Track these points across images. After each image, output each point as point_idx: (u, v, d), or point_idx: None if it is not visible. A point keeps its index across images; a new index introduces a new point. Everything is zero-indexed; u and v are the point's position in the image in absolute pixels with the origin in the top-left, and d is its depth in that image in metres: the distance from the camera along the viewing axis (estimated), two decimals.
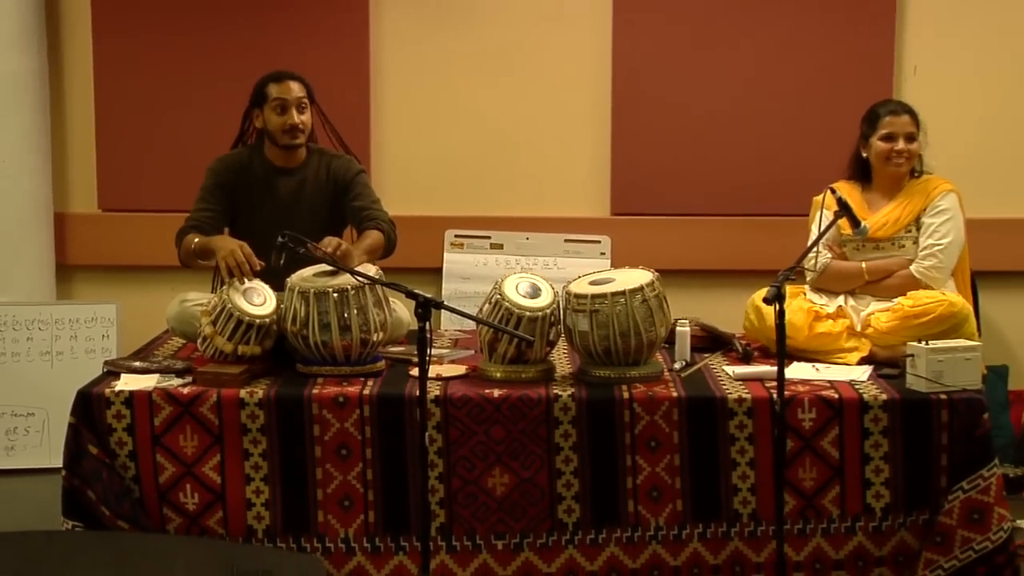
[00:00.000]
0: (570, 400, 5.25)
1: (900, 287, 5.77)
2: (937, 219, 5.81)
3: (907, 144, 5.82)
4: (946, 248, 5.80)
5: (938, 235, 5.79)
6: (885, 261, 5.86)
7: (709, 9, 7.21)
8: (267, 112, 5.88)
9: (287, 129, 5.85)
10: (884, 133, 5.83)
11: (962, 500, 5.16)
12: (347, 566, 5.28)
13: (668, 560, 5.28)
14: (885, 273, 5.84)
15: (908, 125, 5.85)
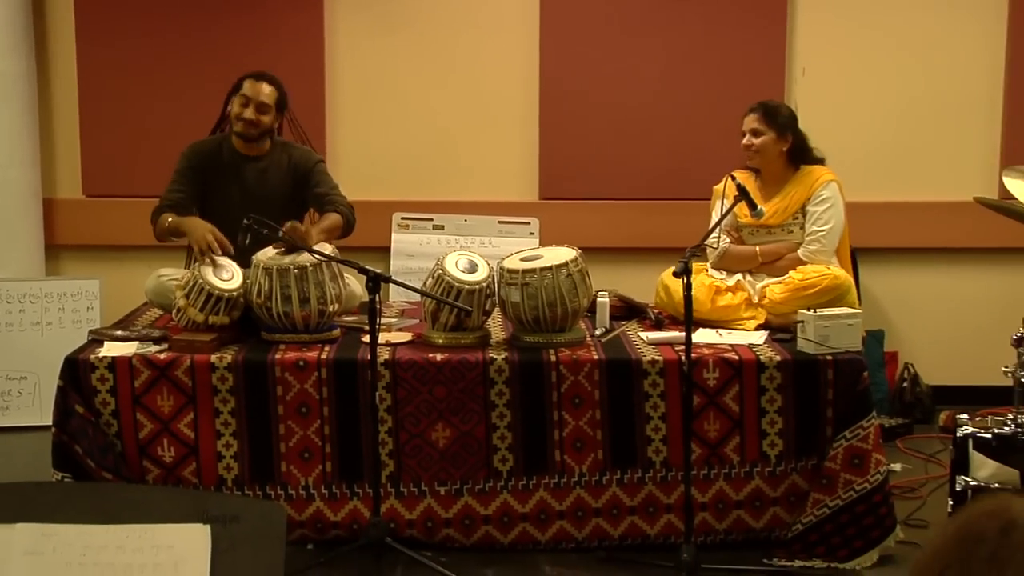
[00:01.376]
0: (504, 363, 5.28)
1: (789, 268, 5.81)
2: (820, 207, 5.85)
3: (752, 138, 5.86)
4: (828, 233, 5.84)
5: (821, 222, 5.83)
6: (776, 245, 5.89)
7: (625, 16, 7.21)
8: (235, 101, 5.89)
9: (240, 117, 5.86)
10: (742, 127, 5.91)
11: (845, 447, 5.22)
12: (307, 511, 5.29)
13: (590, 502, 5.31)
14: (776, 256, 5.89)
15: (753, 122, 5.87)
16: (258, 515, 2.16)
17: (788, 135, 5.87)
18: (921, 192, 7.34)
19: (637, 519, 5.33)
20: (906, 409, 7.15)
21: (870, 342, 6.75)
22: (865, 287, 6.98)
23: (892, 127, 7.33)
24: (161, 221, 5.82)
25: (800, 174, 5.92)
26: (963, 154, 7.34)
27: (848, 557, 5.21)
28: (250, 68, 6.08)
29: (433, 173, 7.31)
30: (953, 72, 7.35)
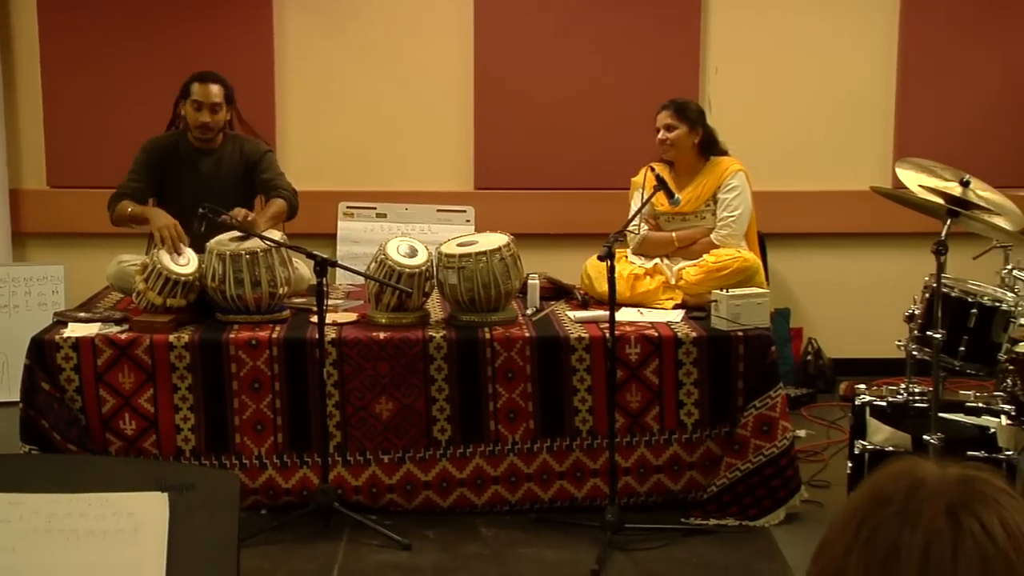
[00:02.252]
0: (442, 340, 5.26)
1: (703, 252, 5.82)
2: (729, 195, 5.86)
3: (667, 133, 5.86)
4: (737, 219, 5.85)
5: (731, 208, 5.85)
6: (690, 231, 5.90)
7: (553, 19, 7.20)
8: (187, 106, 5.83)
9: (198, 125, 5.82)
10: (656, 127, 5.89)
11: (755, 416, 5.26)
12: (260, 479, 5.26)
13: (523, 468, 5.31)
14: (691, 241, 5.89)
15: (667, 118, 5.87)
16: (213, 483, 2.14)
17: (699, 129, 5.89)
18: (822, 182, 7.37)
19: (566, 483, 5.33)
20: (810, 380, 7.19)
21: (777, 319, 6.79)
22: (772, 269, 7.01)
23: (796, 122, 7.36)
24: (120, 208, 5.78)
25: (710, 165, 5.93)
26: (860, 147, 7.38)
27: (758, 515, 5.24)
28: (207, 67, 6.02)
29: (376, 165, 7.28)
30: (851, 72, 7.39)
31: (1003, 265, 5.24)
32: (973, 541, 1.22)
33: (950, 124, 7.23)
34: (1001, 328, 4.77)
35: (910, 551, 1.24)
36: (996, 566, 1.21)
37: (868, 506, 1.30)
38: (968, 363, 4.84)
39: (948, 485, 1.28)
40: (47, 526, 2.09)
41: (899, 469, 1.32)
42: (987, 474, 1.32)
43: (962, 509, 1.25)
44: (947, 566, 1.22)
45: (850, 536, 1.29)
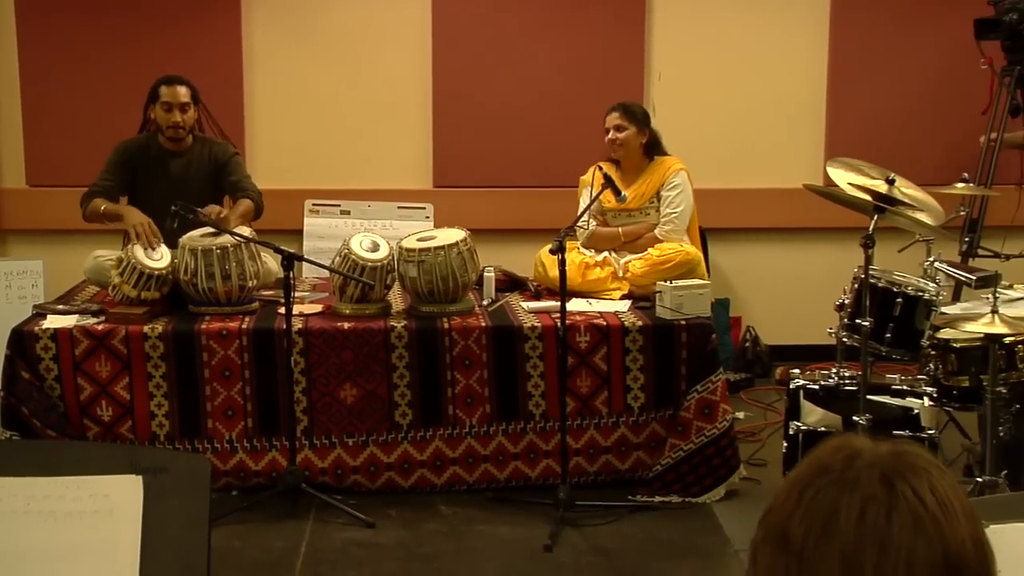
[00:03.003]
0: (403, 330, 5.24)
1: (648, 246, 5.83)
2: (672, 192, 5.87)
3: (617, 134, 5.85)
4: (679, 215, 5.86)
5: (673, 205, 5.85)
6: (636, 226, 5.90)
7: (507, 27, 7.20)
8: (157, 109, 5.78)
9: (170, 125, 5.77)
10: (606, 125, 5.88)
11: (697, 399, 5.27)
12: (231, 461, 5.23)
13: (480, 450, 5.30)
14: (636, 236, 5.89)
15: (616, 119, 5.85)
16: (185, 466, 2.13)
17: (645, 130, 5.89)
18: (759, 180, 7.40)
19: (520, 464, 5.33)
20: (748, 365, 7.22)
21: (717, 309, 6.80)
22: (713, 261, 7.02)
23: (734, 124, 7.38)
24: (93, 205, 5.73)
25: (654, 164, 5.93)
26: (794, 147, 7.41)
27: (700, 492, 5.26)
28: (179, 72, 5.97)
29: (340, 165, 7.26)
30: (785, 78, 7.42)
31: (925, 257, 5.26)
32: (906, 504, 1.26)
33: (877, 126, 7.27)
34: (924, 316, 4.80)
35: (848, 512, 1.27)
36: (926, 526, 1.25)
37: (809, 475, 1.33)
38: (894, 349, 4.86)
39: (882, 457, 1.31)
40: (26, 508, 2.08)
41: (837, 443, 1.36)
42: (917, 448, 1.35)
43: (896, 476, 1.28)
44: (882, 526, 1.25)
45: (793, 502, 1.33)
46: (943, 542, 1.25)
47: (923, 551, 1.24)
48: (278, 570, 4.57)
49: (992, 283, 4.61)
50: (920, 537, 1.25)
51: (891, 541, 1.25)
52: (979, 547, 1.28)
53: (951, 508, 1.27)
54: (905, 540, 1.24)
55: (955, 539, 1.25)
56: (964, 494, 1.31)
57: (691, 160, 6.04)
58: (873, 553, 1.25)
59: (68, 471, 2.10)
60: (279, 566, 4.61)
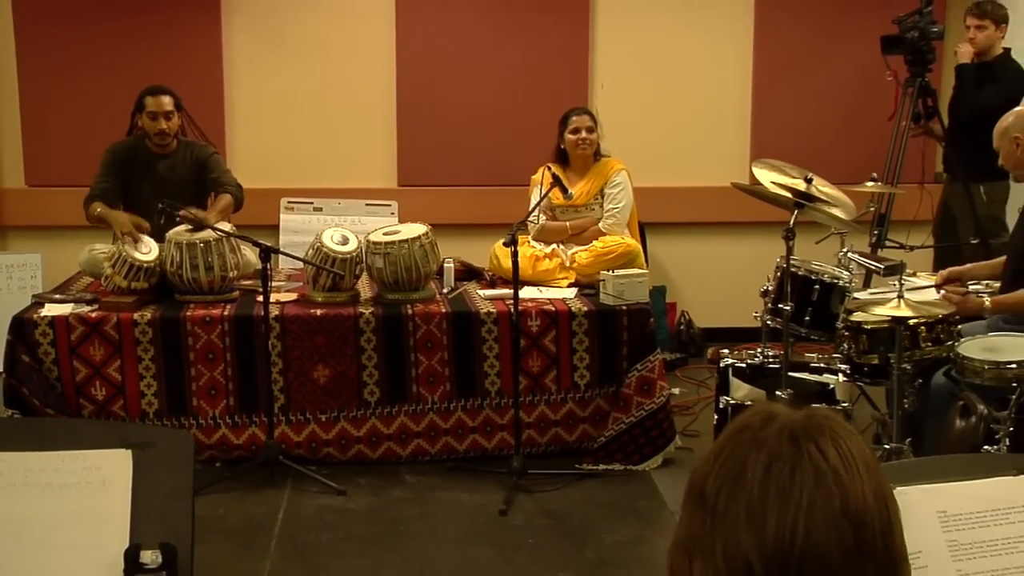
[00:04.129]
0: (371, 316, 5.24)
1: (592, 238, 5.83)
2: (614, 190, 5.87)
3: (588, 135, 5.88)
4: (621, 210, 5.87)
5: (616, 201, 5.86)
6: (582, 220, 5.91)
7: (465, 41, 7.18)
8: (144, 118, 5.73)
9: (157, 133, 5.73)
10: (573, 128, 5.90)
11: (637, 377, 5.29)
12: (215, 436, 5.21)
13: (441, 424, 5.30)
14: (582, 229, 5.88)
15: (587, 121, 5.88)
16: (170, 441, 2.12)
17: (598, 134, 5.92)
18: (692, 179, 7.42)
19: (478, 436, 5.33)
20: (682, 346, 7.24)
21: (655, 295, 6.82)
22: (651, 253, 7.04)
23: (670, 129, 7.40)
24: (92, 208, 5.68)
25: (599, 164, 5.94)
26: (722, 149, 7.43)
27: (640, 460, 5.28)
28: (166, 80, 5.97)
29: (313, 165, 7.22)
30: (715, 87, 7.44)
31: (840, 248, 5.30)
32: (809, 460, 1.25)
33: (796, 130, 7.30)
34: (838, 301, 4.82)
35: (754, 468, 1.26)
36: (827, 480, 1.24)
37: (728, 436, 1.33)
38: (812, 330, 4.88)
39: (794, 419, 1.31)
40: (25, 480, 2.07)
41: (758, 408, 1.36)
42: (829, 412, 1.35)
43: (803, 436, 1.28)
44: (785, 480, 1.24)
45: (711, 460, 1.33)
46: (843, 496, 1.24)
47: (823, 503, 1.23)
48: (258, 534, 4.56)
49: (898, 271, 4.64)
50: (820, 490, 1.24)
51: (792, 494, 1.24)
52: (880, 500, 1.28)
53: (853, 464, 1.26)
54: (806, 493, 1.24)
55: (855, 493, 1.25)
56: (870, 453, 1.31)
57: (630, 161, 6.05)
58: (775, 505, 1.24)
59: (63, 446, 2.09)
60: (259, 530, 4.60)
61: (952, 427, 4.26)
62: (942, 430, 4.37)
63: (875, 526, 1.26)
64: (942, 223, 6.62)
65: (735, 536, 1.25)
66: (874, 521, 1.26)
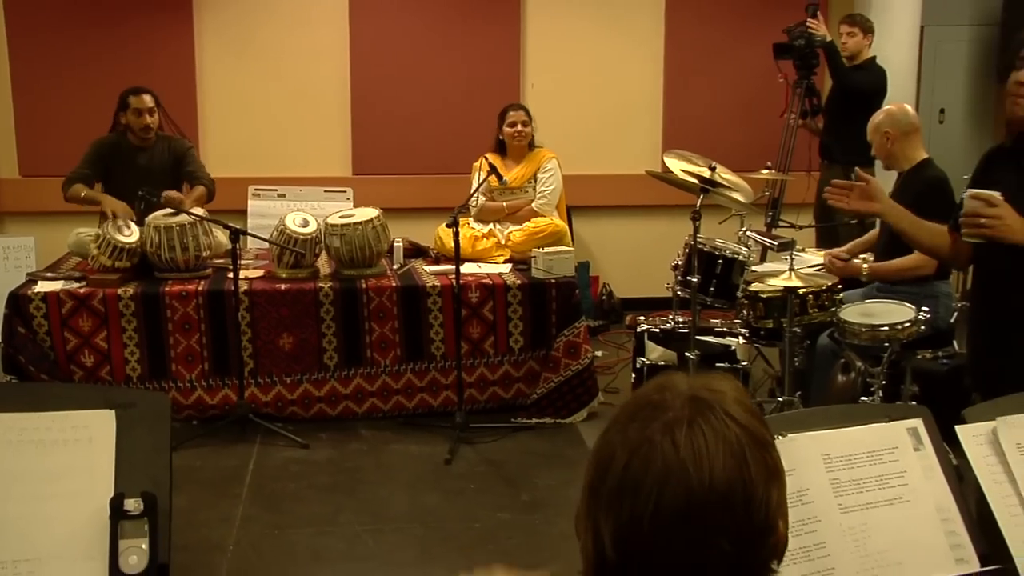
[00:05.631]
0: (329, 290, 5.21)
1: (526, 218, 5.83)
2: (546, 175, 5.88)
3: (523, 128, 5.88)
4: (551, 193, 5.88)
5: (547, 185, 5.87)
6: (517, 201, 5.92)
7: (413, 45, 7.15)
8: (128, 115, 5.67)
9: (141, 128, 5.67)
10: (510, 122, 5.90)
11: (564, 341, 5.31)
12: (192, 397, 5.17)
13: (393, 385, 5.30)
14: (517, 208, 5.88)
15: (523, 116, 5.89)
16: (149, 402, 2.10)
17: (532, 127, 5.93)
18: (612, 167, 7.45)
19: (425, 395, 5.34)
20: (604, 314, 7.29)
21: (580, 270, 6.86)
22: (576, 232, 7.07)
23: (591, 123, 7.42)
24: (74, 190, 5.62)
25: (533, 153, 5.95)
26: (638, 141, 7.46)
27: (568, 415, 5.31)
28: (146, 80, 5.90)
29: (277, 157, 7.17)
30: (631, 86, 7.47)
31: (739, 228, 5.36)
32: (661, 454, 1.17)
33: (702, 124, 7.35)
34: (739, 273, 4.88)
35: (618, 459, 1.20)
36: (675, 474, 1.16)
37: (631, 403, 1.26)
38: (716, 299, 4.93)
39: (676, 402, 1.23)
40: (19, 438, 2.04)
41: (659, 379, 1.28)
42: (717, 389, 1.25)
43: (667, 427, 1.20)
44: (638, 473, 1.18)
45: (598, 443, 1.26)
46: (687, 489, 1.16)
47: (669, 497, 1.16)
48: (231, 483, 4.54)
49: (789, 248, 4.69)
50: (668, 485, 1.16)
51: (642, 487, 1.17)
52: (736, 484, 1.18)
53: (705, 455, 1.17)
54: (655, 488, 1.16)
55: (701, 485, 1.16)
56: (739, 432, 1.21)
57: (558, 152, 6.05)
58: (629, 496, 1.18)
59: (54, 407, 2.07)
60: (232, 480, 4.58)
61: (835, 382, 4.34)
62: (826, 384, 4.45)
63: (726, 510, 1.17)
64: (819, 205, 6.69)
65: (599, 520, 1.21)
66: (726, 503, 1.17)
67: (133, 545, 1.96)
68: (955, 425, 2.20)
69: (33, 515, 1.97)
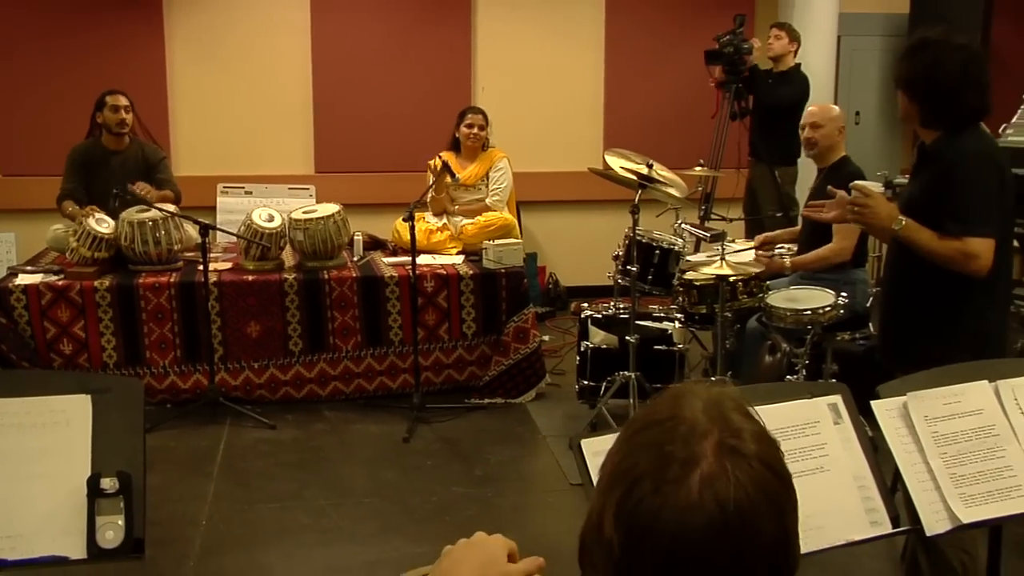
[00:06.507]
0: (294, 280, 5.18)
1: (477, 213, 5.83)
2: (497, 174, 5.88)
3: (479, 131, 5.87)
4: (503, 190, 5.88)
5: (498, 183, 5.86)
6: (471, 196, 5.91)
7: (370, 51, 7.12)
8: (106, 113, 5.58)
9: (118, 123, 5.58)
10: (468, 123, 5.88)
11: (514, 327, 5.32)
12: (165, 382, 5.11)
13: (354, 369, 5.28)
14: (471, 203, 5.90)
15: (480, 120, 5.88)
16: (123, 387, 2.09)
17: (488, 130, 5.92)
18: (557, 165, 7.45)
19: (384, 378, 5.32)
20: (551, 301, 7.30)
21: (528, 261, 6.85)
22: (525, 225, 7.06)
23: (538, 124, 7.42)
24: (64, 207, 5.58)
25: (486, 153, 5.94)
26: (581, 140, 7.47)
27: (517, 395, 5.33)
28: (120, 84, 5.80)
29: (244, 156, 7.10)
30: (575, 88, 7.49)
31: (675, 221, 5.38)
32: (686, 486, 1.04)
33: (640, 124, 7.38)
34: (674, 263, 4.90)
35: (641, 485, 1.06)
36: (721, 538, 1.03)
37: (632, 433, 1.13)
38: (654, 287, 4.96)
39: (696, 419, 1.10)
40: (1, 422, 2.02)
41: (669, 401, 1.13)
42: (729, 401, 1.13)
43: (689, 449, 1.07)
44: (686, 539, 1.04)
45: (613, 460, 1.13)
46: (738, 551, 1.04)
47: (718, 557, 1.03)
48: (204, 462, 4.51)
49: (721, 239, 4.73)
50: (715, 547, 1.03)
51: (664, 514, 1.04)
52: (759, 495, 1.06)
53: (747, 517, 1.04)
54: (678, 514, 1.04)
55: (748, 546, 1.04)
56: (761, 447, 1.09)
57: (507, 151, 6.05)
58: (678, 563, 1.04)
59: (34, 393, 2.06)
60: (204, 459, 4.54)
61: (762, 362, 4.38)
62: (755, 364, 4.49)
63: (773, 560, 1.06)
64: (748, 199, 6.75)
65: (612, 545, 1.07)
66: (772, 556, 1.06)
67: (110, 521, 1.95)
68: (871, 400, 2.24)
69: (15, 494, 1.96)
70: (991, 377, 2.29)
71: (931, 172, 2.93)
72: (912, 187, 3.05)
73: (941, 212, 2.86)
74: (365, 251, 5.75)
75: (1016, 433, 2.23)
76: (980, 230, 2.84)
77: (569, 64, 7.46)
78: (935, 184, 2.89)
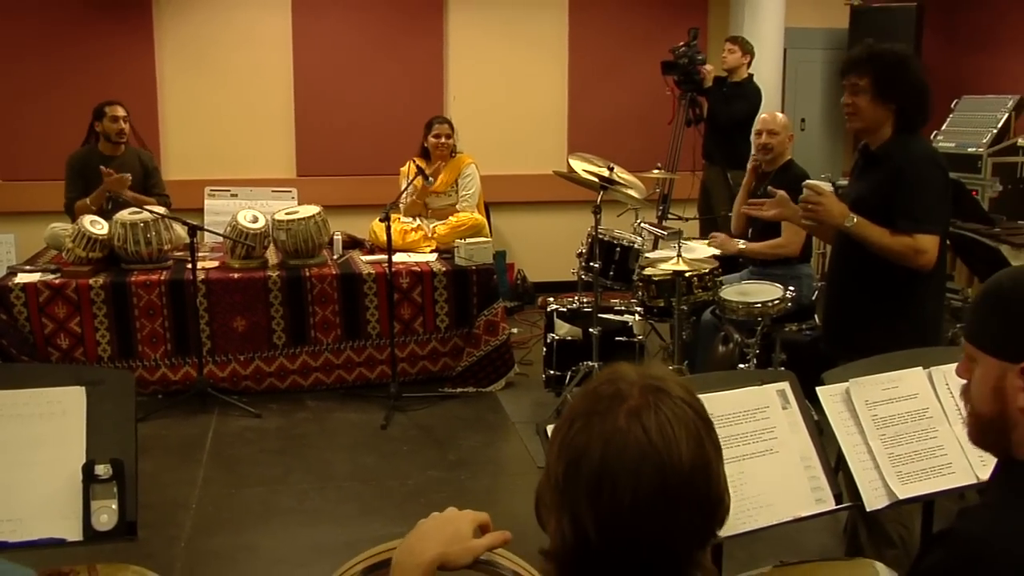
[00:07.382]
0: (277, 278, 5.15)
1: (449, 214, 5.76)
2: (466, 180, 5.83)
3: (446, 140, 5.81)
4: (472, 195, 5.84)
5: (467, 188, 5.81)
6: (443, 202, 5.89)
7: (349, 62, 7.09)
8: (105, 123, 5.51)
9: (117, 132, 5.52)
10: (435, 133, 5.84)
11: (484, 320, 5.32)
12: (157, 374, 5.08)
13: (334, 361, 5.26)
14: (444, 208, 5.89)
15: (446, 129, 5.79)
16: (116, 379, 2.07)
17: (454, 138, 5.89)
18: (523, 168, 7.45)
19: (363, 369, 5.30)
20: (519, 296, 7.29)
21: (497, 258, 6.83)
22: (494, 225, 7.05)
23: (505, 129, 7.41)
24: (79, 207, 5.43)
25: (454, 160, 5.89)
26: (546, 145, 7.47)
27: (488, 384, 5.33)
28: (113, 93, 5.76)
29: (230, 160, 7.05)
30: (540, 96, 7.48)
31: (635, 220, 5.40)
32: (636, 442, 1.12)
33: (601, 129, 7.38)
34: (634, 260, 4.91)
35: (591, 454, 1.13)
36: (649, 459, 1.11)
37: (576, 409, 1.18)
38: (615, 282, 4.96)
39: (632, 391, 1.16)
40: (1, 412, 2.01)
41: (608, 376, 1.19)
42: (663, 376, 1.18)
43: (634, 413, 1.13)
44: (615, 464, 1.11)
45: (559, 436, 1.19)
46: (661, 470, 1.11)
47: (647, 480, 1.10)
48: (193, 449, 4.48)
49: (677, 237, 4.75)
50: (645, 468, 1.10)
51: (621, 476, 1.11)
52: (699, 459, 1.13)
53: (673, 436, 1.12)
54: (633, 473, 1.11)
55: (674, 464, 1.11)
56: (692, 412, 1.15)
57: (476, 155, 6.02)
58: (609, 485, 1.11)
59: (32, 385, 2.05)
60: (194, 446, 4.52)
61: (716, 352, 4.41)
62: (709, 354, 4.52)
63: (692, 486, 1.13)
64: (702, 200, 6.77)
65: (579, 510, 1.13)
66: (692, 480, 1.12)
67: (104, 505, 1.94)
68: (816, 386, 2.26)
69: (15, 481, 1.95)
70: (925, 364, 2.32)
71: (881, 173, 2.94)
72: (858, 187, 3.06)
73: (893, 211, 2.88)
74: (344, 250, 5.72)
75: (947, 415, 2.26)
76: (930, 228, 2.87)
77: (535, 73, 7.46)
78: (885, 185, 2.92)
